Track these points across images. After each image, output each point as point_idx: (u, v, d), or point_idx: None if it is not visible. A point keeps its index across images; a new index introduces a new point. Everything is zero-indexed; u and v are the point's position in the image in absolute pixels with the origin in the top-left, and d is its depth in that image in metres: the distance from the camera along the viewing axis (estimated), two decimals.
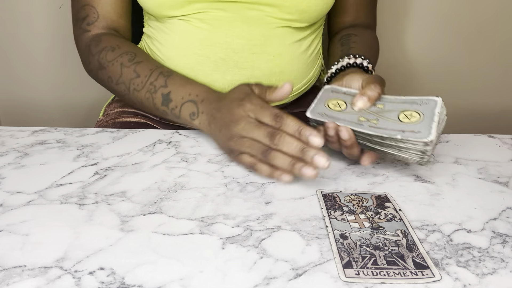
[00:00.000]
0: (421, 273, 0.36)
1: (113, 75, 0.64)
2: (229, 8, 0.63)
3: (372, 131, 0.48)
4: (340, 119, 0.51)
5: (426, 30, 1.02)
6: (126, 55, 0.64)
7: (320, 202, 0.46)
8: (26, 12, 0.97)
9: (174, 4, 0.62)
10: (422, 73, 1.07)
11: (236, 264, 0.37)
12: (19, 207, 0.44)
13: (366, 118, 0.51)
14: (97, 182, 0.49)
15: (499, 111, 1.11)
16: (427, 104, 0.49)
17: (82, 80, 1.04)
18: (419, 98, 0.50)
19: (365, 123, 0.50)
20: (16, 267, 0.36)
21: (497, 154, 0.59)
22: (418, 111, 0.49)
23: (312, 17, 0.66)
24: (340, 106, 0.53)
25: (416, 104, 0.50)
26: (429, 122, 0.47)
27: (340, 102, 0.54)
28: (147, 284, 0.34)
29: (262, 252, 0.38)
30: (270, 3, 0.62)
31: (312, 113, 0.54)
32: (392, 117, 0.50)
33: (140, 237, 0.40)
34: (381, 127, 0.49)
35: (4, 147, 0.57)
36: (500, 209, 0.46)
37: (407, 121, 0.48)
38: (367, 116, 0.51)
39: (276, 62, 0.67)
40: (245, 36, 0.64)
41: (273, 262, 0.37)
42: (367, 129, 0.49)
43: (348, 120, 0.51)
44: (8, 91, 1.06)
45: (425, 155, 0.47)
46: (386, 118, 0.50)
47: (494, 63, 1.06)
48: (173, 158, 0.55)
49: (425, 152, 0.47)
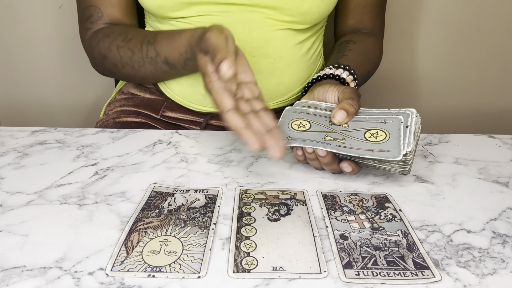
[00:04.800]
0: (421, 273, 0.36)
1: (116, 60, 0.65)
2: (229, 10, 0.63)
3: (340, 150, 0.48)
4: (306, 139, 0.50)
5: (426, 30, 1.02)
6: (120, 36, 0.64)
7: (320, 202, 0.46)
8: (26, 12, 0.97)
9: (174, 5, 0.62)
10: (422, 73, 1.07)
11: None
12: (19, 207, 0.44)
13: (332, 137, 0.50)
14: (97, 182, 0.49)
15: (499, 111, 1.11)
16: (391, 122, 0.49)
17: (82, 80, 1.04)
18: (384, 116, 0.50)
19: (332, 142, 0.49)
20: (15, 268, 0.36)
21: (497, 154, 0.59)
22: (383, 129, 0.49)
23: (313, 19, 0.66)
24: (304, 126, 0.52)
25: (380, 122, 0.50)
26: (397, 138, 0.47)
27: (304, 122, 0.53)
28: (146, 284, 0.34)
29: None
30: (271, 5, 0.62)
31: (287, 141, 0.52)
32: (359, 137, 0.49)
33: None
34: (349, 147, 0.48)
35: (3, 147, 0.57)
36: (501, 209, 0.46)
37: (373, 140, 0.48)
38: (333, 135, 0.50)
39: (277, 65, 0.67)
40: (246, 38, 0.64)
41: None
42: (335, 149, 0.48)
43: (315, 140, 0.50)
44: (8, 91, 1.06)
45: (407, 165, 0.47)
46: (352, 138, 0.49)
47: (494, 63, 1.06)
48: (173, 158, 0.55)
49: (406, 162, 0.47)
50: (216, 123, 0.73)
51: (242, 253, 0.38)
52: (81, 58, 0.97)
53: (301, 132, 0.51)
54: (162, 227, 0.41)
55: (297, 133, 0.52)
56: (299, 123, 0.53)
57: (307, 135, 0.51)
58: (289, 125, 0.53)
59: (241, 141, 0.48)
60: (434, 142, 0.63)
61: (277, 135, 0.46)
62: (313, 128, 0.52)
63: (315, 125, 0.52)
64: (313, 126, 0.52)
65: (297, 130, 0.52)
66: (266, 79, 0.67)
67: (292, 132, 0.52)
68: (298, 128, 0.52)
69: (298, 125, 0.52)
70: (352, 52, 0.69)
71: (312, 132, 0.51)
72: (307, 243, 0.39)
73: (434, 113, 1.10)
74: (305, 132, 0.51)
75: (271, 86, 0.68)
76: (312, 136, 0.51)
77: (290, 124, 0.53)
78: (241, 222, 0.42)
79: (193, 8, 0.63)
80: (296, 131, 0.52)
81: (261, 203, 0.46)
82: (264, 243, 0.39)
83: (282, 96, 0.71)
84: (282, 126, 0.53)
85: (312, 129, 0.52)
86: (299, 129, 0.52)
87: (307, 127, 0.52)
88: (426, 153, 0.59)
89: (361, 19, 0.76)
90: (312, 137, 0.50)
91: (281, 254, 0.38)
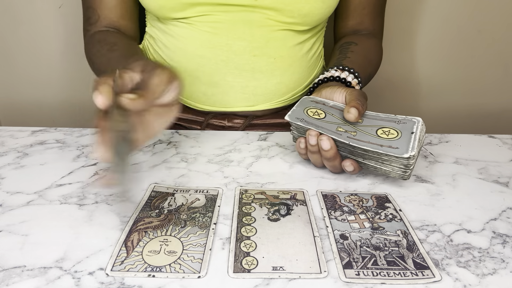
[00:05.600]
0: (421, 273, 0.36)
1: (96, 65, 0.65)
2: (230, 11, 0.63)
3: (350, 141, 0.48)
4: (319, 126, 0.51)
5: (426, 30, 1.02)
6: (106, 45, 0.64)
7: (320, 202, 0.46)
8: (26, 12, 0.97)
9: (176, 6, 0.62)
10: (422, 73, 1.06)
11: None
12: (19, 207, 0.44)
13: (344, 129, 0.50)
14: (97, 182, 0.49)
15: (499, 111, 1.11)
16: (405, 123, 0.50)
17: (82, 80, 1.04)
18: (398, 118, 0.51)
19: (344, 133, 0.50)
20: (15, 268, 0.36)
21: (497, 154, 0.59)
22: (396, 129, 0.49)
23: (314, 21, 0.66)
24: (319, 115, 0.53)
25: (393, 122, 0.50)
26: (407, 139, 0.47)
27: (319, 111, 0.53)
28: (146, 284, 0.34)
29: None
30: (272, 7, 0.62)
31: (290, 116, 0.53)
32: (370, 132, 0.50)
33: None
34: (360, 139, 0.49)
35: (4, 147, 0.57)
36: (501, 209, 0.46)
37: (385, 137, 0.49)
38: (346, 127, 0.51)
39: (277, 65, 0.67)
40: (246, 38, 0.64)
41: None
42: (345, 139, 0.48)
43: (327, 129, 0.50)
44: (8, 91, 1.06)
45: (408, 169, 0.47)
46: (364, 132, 0.50)
47: (494, 63, 1.06)
48: (173, 158, 0.55)
49: (408, 166, 0.47)
50: (217, 122, 0.73)
51: (242, 253, 0.38)
52: (81, 58, 0.96)
53: (316, 119, 0.52)
54: (162, 227, 0.41)
55: (312, 119, 0.52)
56: (315, 111, 0.53)
57: (320, 123, 0.52)
58: (305, 111, 0.54)
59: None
60: (434, 142, 0.63)
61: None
62: (327, 118, 0.52)
63: (330, 116, 0.53)
64: (327, 116, 0.53)
65: (312, 117, 0.52)
66: (266, 78, 0.67)
67: (307, 117, 0.52)
68: (313, 115, 0.53)
69: (313, 113, 0.53)
70: (355, 54, 0.69)
71: (326, 121, 0.52)
72: (307, 243, 0.39)
73: (434, 113, 1.10)
74: (319, 120, 0.52)
75: (271, 86, 0.68)
76: (325, 125, 0.51)
77: (306, 111, 0.54)
78: (241, 222, 0.42)
79: (194, 8, 0.63)
80: (311, 117, 0.52)
81: (261, 203, 0.46)
82: (264, 243, 0.39)
83: (283, 95, 0.71)
84: (296, 111, 0.54)
85: (326, 119, 0.52)
86: (314, 116, 0.53)
87: (321, 116, 0.53)
88: (426, 153, 0.59)
89: (361, 20, 0.76)
90: (325, 126, 0.51)
91: (281, 254, 0.38)
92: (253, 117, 0.72)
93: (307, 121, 0.52)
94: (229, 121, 0.72)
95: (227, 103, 0.69)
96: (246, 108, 0.70)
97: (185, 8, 0.63)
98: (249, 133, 0.64)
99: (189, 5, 0.62)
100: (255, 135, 0.64)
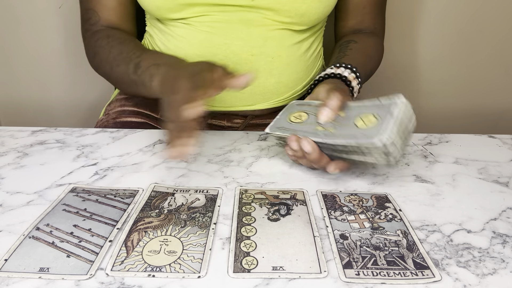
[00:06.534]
0: (421, 273, 0.36)
1: (103, 56, 0.65)
2: (228, 11, 0.63)
3: (325, 139, 0.47)
4: (297, 131, 0.50)
5: (427, 30, 1.02)
6: (117, 39, 0.64)
7: (320, 202, 0.46)
8: (26, 12, 0.97)
9: (173, 7, 0.62)
10: (422, 73, 1.07)
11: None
12: (19, 207, 0.44)
13: (323, 128, 0.49)
14: (97, 182, 0.49)
15: (499, 111, 1.11)
16: (386, 106, 0.47)
17: (82, 80, 1.04)
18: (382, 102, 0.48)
19: (321, 132, 0.49)
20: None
21: (497, 154, 0.59)
22: (375, 114, 0.46)
23: (311, 21, 0.66)
24: (301, 117, 0.52)
25: (375, 107, 0.48)
26: (384, 124, 0.45)
27: (302, 114, 0.53)
28: (146, 284, 0.34)
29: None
30: (269, 7, 0.62)
31: (270, 128, 0.52)
32: (348, 123, 0.48)
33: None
34: (336, 135, 0.47)
35: (3, 147, 0.57)
36: (500, 209, 0.46)
37: (362, 126, 0.46)
38: (324, 125, 0.49)
39: (275, 64, 0.67)
40: (244, 37, 0.64)
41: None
42: (322, 138, 0.47)
43: (305, 131, 0.50)
44: (8, 91, 1.06)
45: (391, 156, 0.45)
46: (342, 125, 0.48)
47: (495, 63, 1.06)
48: None
49: (388, 153, 0.44)
50: (216, 122, 0.73)
51: (242, 253, 0.38)
52: (81, 58, 0.97)
53: (296, 124, 0.52)
54: (162, 227, 0.41)
55: (292, 124, 0.52)
56: (298, 114, 0.53)
57: (300, 126, 0.51)
58: (288, 117, 0.54)
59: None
60: (434, 142, 0.63)
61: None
62: (309, 120, 0.52)
63: (313, 116, 0.52)
64: (310, 117, 0.52)
65: (293, 122, 0.52)
66: (265, 77, 0.67)
67: (287, 123, 0.52)
68: (295, 120, 0.52)
69: (296, 117, 0.53)
70: (354, 51, 0.69)
71: (306, 123, 0.51)
72: (307, 243, 0.39)
73: (434, 113, 1.10)
74: (299, 124, 0.51)
75: (270, 85, 0.68)
76: (304, 127, 0.51)
77: (289, 117, 0.53)
78: (241, 222, 0.42)
79: (191, 9, 0.63)
80: (292, 123, 0.52)
81: (261, 203, 0.46)
82: (264, 243, 0.39)
83: (281, 95, 0.71)
84: (279, 120, 0.54)
85: (308, 121, 0.52)
86: (295, 121, 0.52)
87: (303, 118, 0.52)
88: (426, 153, 0.59)
89: (362, 19, 0.76)
90: (304, 129, 0.50)
91: (281, 254, 0.38)
92: (252, 116, 0.72)
93: (286, 127, 0.51)
94: (229, 121, 0.72)
95: (226, 102, 0.70)
96: (245, 108, 0.70)
97: (183, 8, 0.63)
98: (249, 133, 0.64)
99: (187, 5, 0.62)
100: (255, 135, 0.64)
